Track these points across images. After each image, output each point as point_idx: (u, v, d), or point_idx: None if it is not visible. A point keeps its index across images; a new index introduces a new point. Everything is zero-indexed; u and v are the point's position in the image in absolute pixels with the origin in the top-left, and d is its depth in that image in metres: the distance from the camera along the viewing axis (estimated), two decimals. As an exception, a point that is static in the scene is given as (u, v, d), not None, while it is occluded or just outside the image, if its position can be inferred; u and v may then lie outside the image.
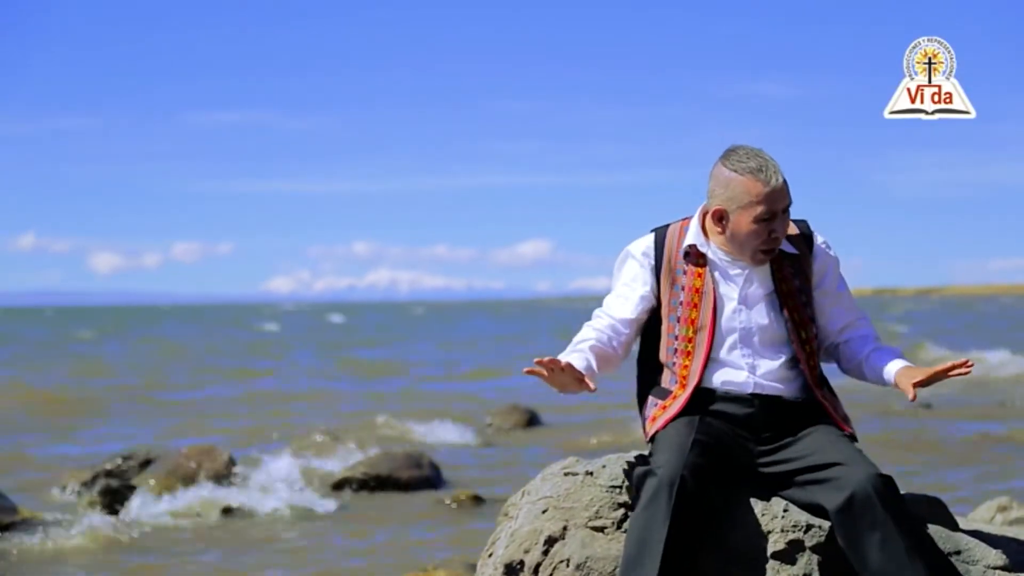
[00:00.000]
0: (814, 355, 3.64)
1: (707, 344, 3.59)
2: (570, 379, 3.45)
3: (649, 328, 3.74)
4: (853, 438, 3.58)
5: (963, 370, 3.41)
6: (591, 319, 3.74)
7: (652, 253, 3.69)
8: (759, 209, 3.49)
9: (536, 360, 3.40)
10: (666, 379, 3.66)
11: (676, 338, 3.62)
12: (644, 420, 3.69)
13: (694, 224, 3.66)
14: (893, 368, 3.60)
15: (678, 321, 3.62)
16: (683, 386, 3.60)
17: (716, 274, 3.62)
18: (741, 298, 3.60)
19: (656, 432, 3.57)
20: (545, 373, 3.41)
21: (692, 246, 3.63)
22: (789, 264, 3.63)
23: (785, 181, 3.52)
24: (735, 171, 3.52)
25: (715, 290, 3.60)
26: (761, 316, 3.59)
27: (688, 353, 3.61)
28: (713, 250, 3.63)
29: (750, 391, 3.58)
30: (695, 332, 3.60)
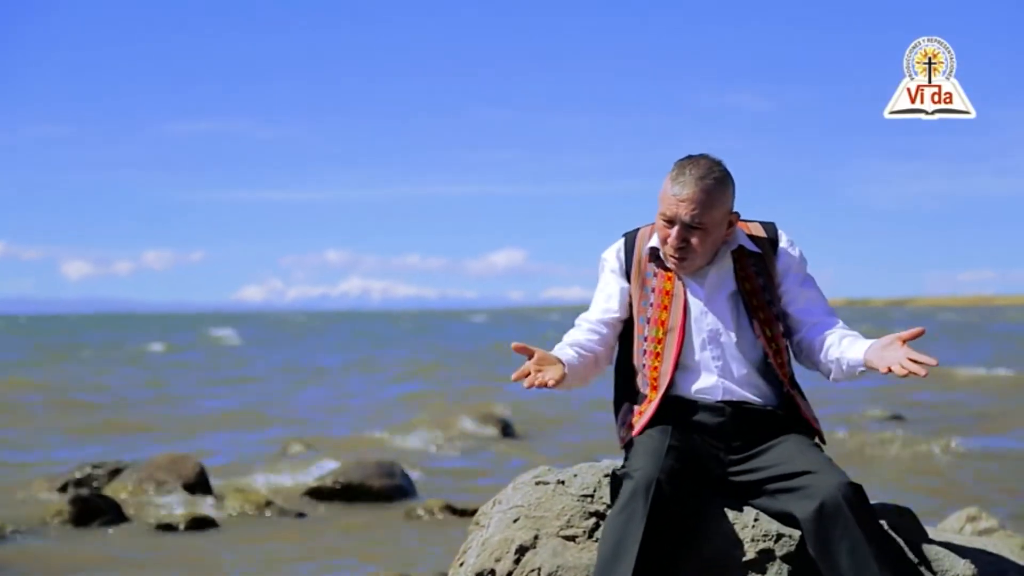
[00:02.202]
0: (782, 353, 3.64)
1: (677, 345, 3.61)
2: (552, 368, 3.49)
3: (624, 333, 3.77)
4: (821, 438, 3.62)
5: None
6: (574, 326, 3.78)
7: (623, 256, 3.75)
8: (660, 208, 3.60)
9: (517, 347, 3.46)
10: (639, 383, 3.68)
11: (646, 339, 3.65)
12: (619, 426, 3.70)
13: None
14: (862, 348, 3.54)
15: (648, 322, 3.66)
16: (654, 388, 3.62)
17: (684, 277, 3.66)
18: (707, 299, 3.63)
19: (631, 438, 3.59)
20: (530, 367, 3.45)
21: (654, 249, 3.68)
22: (752, 263, 3.66)
23: (698, 198, 3.51)
24: (669, 171, 3.63)
25: (684, 292, 3.64)
26: (726, 317, 3.62)
27: (658, 355, 3.63)
28: None
29: (719, 396, 3.59)
30: (665, 333, 3.63)
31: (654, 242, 3.69)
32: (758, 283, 3.65)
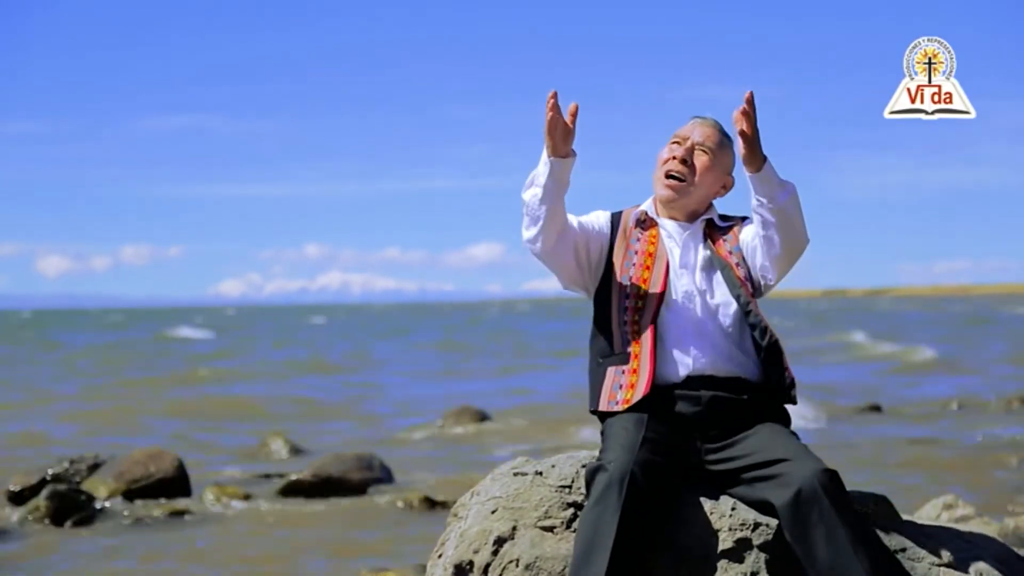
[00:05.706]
0: (756, 314, 3.68)
1: (656, 304, 3.69)
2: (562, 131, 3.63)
3: (601, 293, 3.81)
4: (793, 398, 3.68)
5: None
6: None
7: (610, 221, 3.87)
8: (671, 139, 3.84)
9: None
10: (618, 344, 3.71)
11: (627, 297, 3.73)
12: (598, 389, 3.72)
13: (648, 201, 3.89)
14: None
15: (630, 281, 3.74)
16: (637, 343, 3.66)
17: (665, 240, 3.79)
18: (683, 263, 3.75)
19: (606, 421, 3.63)
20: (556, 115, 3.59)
21: (644, 212, 3.84)
22: (722, 233, 3.82)
23: (715, 130, 3.84)
24: None
25: (667, 254, 3.76)
26: (702, 280, 3.72)
27: (638, 310, 3.70)
28: (663, 221, 3.84)
29: (690, 360, 3.63)
30: (645, 292, 3.72)
31: (644, 207, 3.85)
32: (725, 248, 3.77)
